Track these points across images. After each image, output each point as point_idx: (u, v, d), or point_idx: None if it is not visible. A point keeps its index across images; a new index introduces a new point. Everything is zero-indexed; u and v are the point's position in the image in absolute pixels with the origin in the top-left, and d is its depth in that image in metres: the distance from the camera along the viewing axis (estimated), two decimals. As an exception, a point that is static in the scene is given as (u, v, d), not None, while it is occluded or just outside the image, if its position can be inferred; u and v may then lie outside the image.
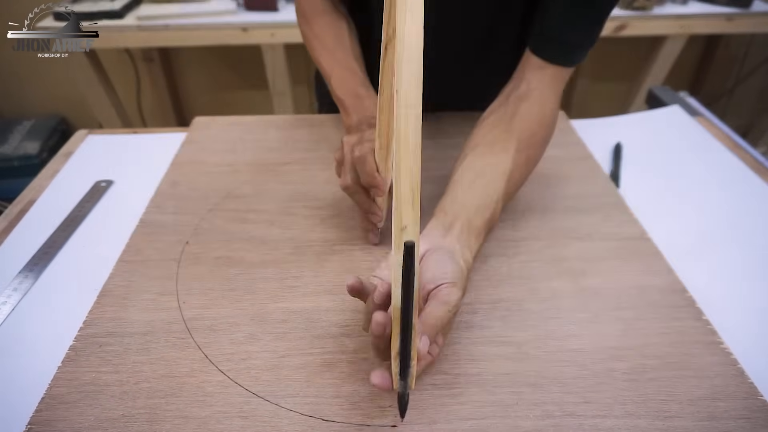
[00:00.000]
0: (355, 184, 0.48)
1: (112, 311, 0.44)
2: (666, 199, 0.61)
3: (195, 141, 0.70)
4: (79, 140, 0.71)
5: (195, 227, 0.54)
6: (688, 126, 0.76)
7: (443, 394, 0.38)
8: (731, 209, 0.59)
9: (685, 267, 0.50)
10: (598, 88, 1.99)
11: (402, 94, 0.29)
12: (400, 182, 0.30)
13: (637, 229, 0.54)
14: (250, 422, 0.36)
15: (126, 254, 0.51)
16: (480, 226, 0.44)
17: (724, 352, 0.41)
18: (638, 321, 0.44)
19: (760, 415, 0.36)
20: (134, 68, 1.80)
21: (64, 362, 0.40)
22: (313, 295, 0.46)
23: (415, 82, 0.29)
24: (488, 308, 0.45)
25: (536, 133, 0.51)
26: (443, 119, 0.73)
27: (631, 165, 0.66)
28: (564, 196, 0.59)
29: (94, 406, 0.37)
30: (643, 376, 0.39)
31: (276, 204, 0.58)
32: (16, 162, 1.69)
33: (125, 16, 1.38)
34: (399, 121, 0.29)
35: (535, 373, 0.39)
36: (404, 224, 0.30)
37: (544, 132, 0.52)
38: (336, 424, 0.36)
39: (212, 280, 0.48)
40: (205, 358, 0.40)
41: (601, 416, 0.36)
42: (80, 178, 0.64)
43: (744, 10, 1.44)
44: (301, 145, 0.68)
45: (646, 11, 1.43)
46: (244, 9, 1.41)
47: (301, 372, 0.40)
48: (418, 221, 0.30)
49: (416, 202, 0.30)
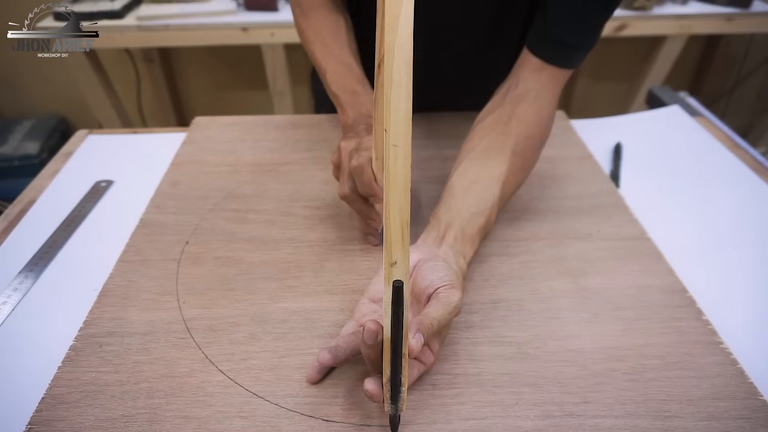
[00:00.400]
0: (353, 193, 0.47)
1: (112, 311, 0.44)
2: (666, 199, 0.61)
3: (195, 141, 0.70)
4: (79, 140, 0.71)
5: (195, 227, 0.54)
6: (688, 126, 0.76)
7: (443, 394, 0.38)
8: (731, 209, 0.59)
9: (685, 267, 0.50)
10: (598, 88, 1.99)
11: (391, 133, 0.30)
12: (390, 219, 0.31)
13: (637, 229, 0.54)
14: (250, 422, 0.36)
15: (126, 254, 0.51)
16: (474, 233, 0.44)
17: (724, 352, 0.41)
18: (638, 321, 0.44)
19: (760, 415, 0.36)
20: (134, 68, 1.80)
21: (64, 362, 0.40)
22: (313, 295, 0.46)
23: (404, 119, 0.30)
24: (488, 308, 0.45)
25: (533, 136, 0.51)
26: (444, 119, 0.73)
27: (631, 165, 0.66)
28: (564, 196, 0.59)
29: (94, 406, 0.37)
30: (643, 376, 0.39)
31: (276, 204, 0.58)
32: (16, 162, 1.69)
33: (125, 16, 1.38)
34: (388, 159, 0.30)
35: (535, 373, 0.39)
36: (394, 260, 0.31)
37: (541, 135, 0.52)
38: (336, 424, 0.36)
39: (212, 280, 0.48)
40: (205, 358, 0.40)
41: (601, 416, 0.36)
42: (80, 178, 0.64)
43: (744, 10, 1.44)
44: (301, 145, 0.68)
45: (646, 11, 1.43)
46: (244, 9, 1.41)
47: (301, 372, 0.39)
48: (407, 257, 0.31)
49: (406, 238, 0.31)
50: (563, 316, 0.44)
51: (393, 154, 0.30)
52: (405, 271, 0.31)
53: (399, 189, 0.31)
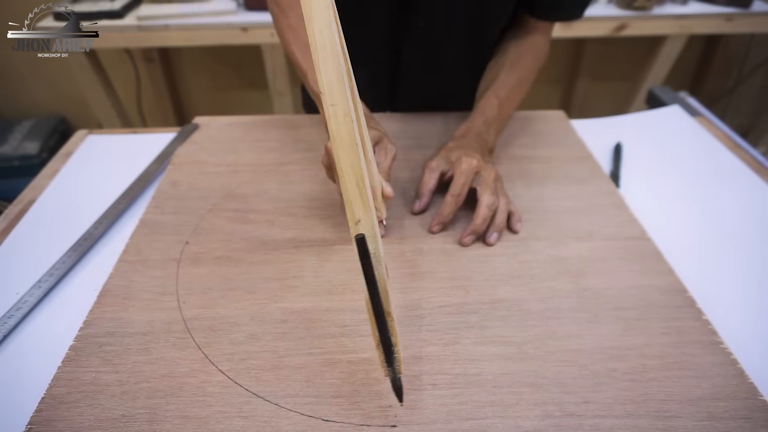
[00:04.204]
0: None
1: (112, 311, 0.44)
2: (666, 199, 0.61)
3: (195, 141, 0.70)
4: (79, 140, 0.71)
5: (195, 227, 0.54)
6: (688, 126, 0.76)
7: (443, 394, 0.38)
8: (731, 209, 0.59)
9: (685, 267, 0.50)
10: (598, 88, 1.99)
11: (326, 94, 0.30)
12: (344, 179, 0.31)
13: (637, 229, 0.54)
14: (250, 422, 0.36)
15: (126, 254, 0.51)
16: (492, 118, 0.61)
17: (724, 352, 0.41)
18: (638, 321, 0.44)
19: (760, 415, 0.36)
20: (134, 68, 1.79)
21: (64, 362, 0.40)
22: (313, 295, 0.46)
23: (336, 79, 0.30)
24: (488, 308, 0.45)
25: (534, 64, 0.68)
26: (450, 119, 0.73)
27: (631, 165, 0.66)
28: (564, 196, 0.59)
29: (94, 406, 0.37)
30: (643, 376, 0.39)
31: (276, 204, 0.58)
32: (16, 162, 1.69)
33: (125, 16, 1.38)
34: (329, 121, 0.30)
35: (535, 373, 0.39)
36: (357, 218, 0.31)
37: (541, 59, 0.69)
38: (336, 424, 0.36)
39: (212, 280, 0.48)
40: (205, 358, 0.40)
41: (601, 416, 0.36)
42: (80, 178, 0.64)
43: (744, 10, 1.44)
44: (301, 145, 0.68)
45: (646, 11, 1.43)
46: (244, 9, 1.41)
47: (301, 372, 0.40)
48: (370, 211, 0.31)
49: (364, 194, 0.31)
50: (563, 316, 0.44)
51: (333, 113, 0.30)
52: (370, 227, 0.31)
53: (346, 146, 0.30)
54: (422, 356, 0.41)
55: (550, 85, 2.04)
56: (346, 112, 0.30)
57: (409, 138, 0.69)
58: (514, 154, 0.67)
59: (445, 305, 0.45)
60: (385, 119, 0.73)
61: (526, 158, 0.66)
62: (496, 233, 0.52)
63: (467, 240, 0.51)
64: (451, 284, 0.48)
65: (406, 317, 0.44)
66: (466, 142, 0.57)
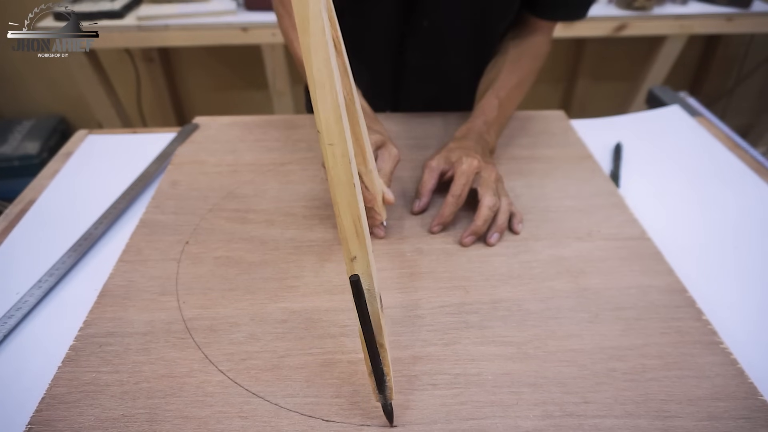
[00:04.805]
0: None
1: (112, 311, 0.44)
2: (666, 199, 0.61)
3: (195, 141, 0.70)
4: (79, 140, 0.71)
5: (195, 227, 0.54)
6: (688, 126, 0.76)
7: (443, 394, 0.38)
8: (731, 209, 0.59)
9: (685, 267, 0.50)
10: (598, 88, 1.99)
11: (324, 133, 0.30)
12: (341, 217, 0.31)
13: (637, 229, 0.54)
14: (250, 422, 0.36)
15: (126, 254, 0.51)
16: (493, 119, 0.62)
17: (724, 352, 0.41)
18: (638, 321, 0.44)
19: (760, 415, 0.36)
20: (134, 68, 1.79)
21: (64, 362, 0.40)
22: (313, 295, 0.46)
23: (335, 118, 0.30)
24: (488, 308, 0.45)
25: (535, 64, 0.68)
26: (450, 120, 0.73)
27: (631, 165, 0.66)
28: (564, 196, 0.59)
29: (94, 406, 0.37)
30: (643, 376, 0.39)
31: (276, 204, 0.58)
32: (16, 162, 1.69)
33: (125, 16, 1.38)
34: (327, 159, 0.31)
35: (535, 373, 0.39)
36: (353, 255, 0.32)
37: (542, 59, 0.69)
38: (336, 424, 0.36)
39: (212, 280, 0.48)
40: (205, 358, 0.40)
41: (601, 416, 0.36)
42: (80, 178, 0.64)
43: (744, 10, 1.44)
44: (301, 145, 0.68)
45: (646, 11, 1.43)
46: (244, 9, 1.41)
47: (301, 372, 0.40)
48: (366, 250, 0.32)
49: (360, 233, 0.32)
50: (563, 316, 0.44)
51: (331, 153, 0.30)
52: (365, 264, 0.32)
53: (343, 186, 0.31)
54: (422, 356, 0.41)
55: (550, 85, 2.04)
56: (344, 152, 0.30)
57: (410, 138, 0.69)
58: (514, 154, 0.67)
59: (445, 305, 0.45)
60: (385, 119, 0.73)
61: (527, 158, 0.66)
62: (497, 234, 0.52)
63: (468, 240, 0.51)
64: (451, 284, 0.48)
65: (406, 317, 0.44)
66: (467, 143, 0.57)
